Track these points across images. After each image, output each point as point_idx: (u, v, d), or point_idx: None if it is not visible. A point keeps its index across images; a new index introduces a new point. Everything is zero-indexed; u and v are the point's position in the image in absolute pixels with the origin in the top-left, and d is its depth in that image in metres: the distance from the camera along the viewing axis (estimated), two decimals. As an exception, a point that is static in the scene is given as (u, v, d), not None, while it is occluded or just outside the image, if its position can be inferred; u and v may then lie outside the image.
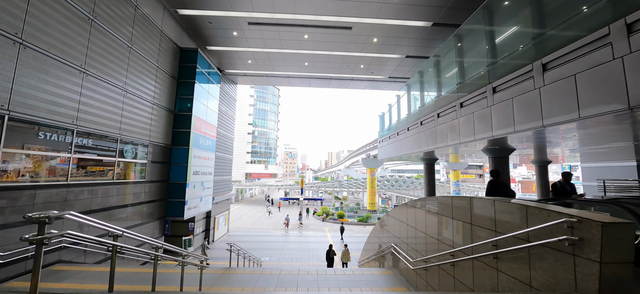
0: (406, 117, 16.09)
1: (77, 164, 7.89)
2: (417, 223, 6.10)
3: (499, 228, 3.48)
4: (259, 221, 27.55)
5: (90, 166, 8.35)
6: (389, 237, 8.12)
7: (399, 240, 7.25)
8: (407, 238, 6.58)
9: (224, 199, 20.41)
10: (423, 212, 5.76)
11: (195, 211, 14.11)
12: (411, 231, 6.38)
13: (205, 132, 15.25)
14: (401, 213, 7.14)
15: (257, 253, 16.01)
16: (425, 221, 5.65)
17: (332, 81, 20.86)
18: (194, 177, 13.71)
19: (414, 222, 6.23)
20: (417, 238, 5.99)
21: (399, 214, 7.28)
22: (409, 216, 6.61)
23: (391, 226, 7.95)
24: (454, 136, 10.53)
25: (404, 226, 6.93)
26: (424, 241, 5.71)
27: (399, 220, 7.31)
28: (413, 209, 6.32)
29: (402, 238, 6.96)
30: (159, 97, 12.10)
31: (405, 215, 6.89)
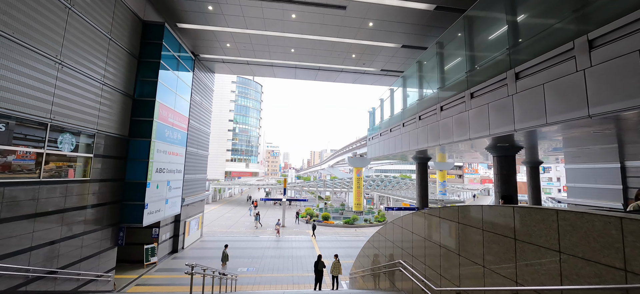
0: (401, 112, 14.84)
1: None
2: (443, 238, 4.61)
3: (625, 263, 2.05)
4: (238, 223, 25.39)
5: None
6: (395, 250, 6.62)
7: (412, 257, 5.77)
8: (426, 256, 5.10)
9: (197, 200, 18.17)
10: (455, 226, 4.28)
11: (159, 215, 11.94)
12: (432, 248, 4.90)
13: (174, 123, 13.07)
14: (416, 224, 5.65)
15: (233, 262, 14.08)
16: (460, 237, 4.17)
17: (320, 72, 19.25)
18: (157, 175, 11.55)
19: (438, 237, 4.75)
20: (446, 259, 4.50)
21: (412, 224, 5.79)
22: (429, 228, 5.13)
23: (398, 238, 6.46)
24: (462, 131, 9.30)
25: (420, 239, 5.45)
26: (455, 263, 4.24)
27: (411, 232, 5.82)
28: (436, 219, 4.84)
29: (417, 256, 5.48)
30: (112, 77, 9.88)
31: (422, 226, 5.40)
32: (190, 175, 16.94)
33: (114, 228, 10.43)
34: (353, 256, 15.80)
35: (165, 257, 14.67)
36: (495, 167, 11.07)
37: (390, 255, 6.96)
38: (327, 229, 23.52)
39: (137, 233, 13.57)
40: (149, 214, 11.05)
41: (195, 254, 15.38)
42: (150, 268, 13.13)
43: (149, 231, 13.81)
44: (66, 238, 8.14)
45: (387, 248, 7.15)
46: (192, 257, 14.95)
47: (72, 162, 8.32)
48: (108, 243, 10.18)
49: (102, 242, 9.79)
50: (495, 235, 3.41)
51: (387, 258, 7.12)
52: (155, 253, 13.50)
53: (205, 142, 19.59)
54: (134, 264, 13.33)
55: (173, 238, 15.60)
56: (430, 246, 5.02)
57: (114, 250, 10.53)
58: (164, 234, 14.39)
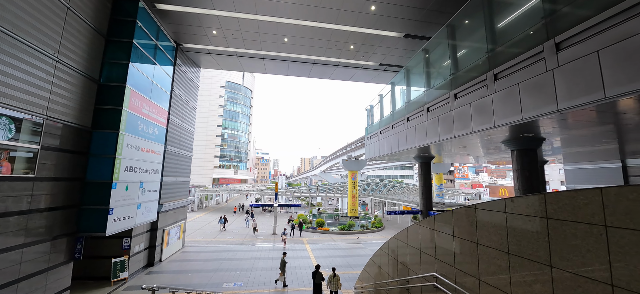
0: (404, 106, 13.65)
1: None
2: (516, 242, 3.23)
3: None
4: (224, 232, 23.36)
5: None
6: (424, 261, 5.19)
7: (454, 269, 4.36)
8: (483, 270, 3.68)
9: (178, 206, 16.25)
10: (542, 223, 2.91)
11: (129, 223, 10.10)
12: (498, 259, 3.49)
13: (149, 115, 11.35)
14: (461, 225, 4.26)
15: (218, 276, 12.28)
16: (556, 240, 2.80)
17: (315, 66, 17.96)
18: (126, 175, 9.76)
19: (504, 242, 3.36)
20: (520, 271, 3.10)
21: (452, 226, 4.40)
22: (487, 229, 3.74)
23: (428, 243, 5.05)
24: (484, 118, 8.10)
25: (469, 245, 4.04)
26: (543, 278, 2.85)
27: (452, 236, 4.41)
28: (500, 215, 3.46)
29: (464, 269, 4.06)
30: (70, 54, 8.18)
31: (471, 228, 4.01)
32: (171, 177, 15.08)
33: (69, 238, 8.55)
34: (353, 266, 14.27)
35: (139, 272, 12.69)
36: (514, 163, 9.96)
37: (415, 266, 5.52)
38: (322, 237, 21.89)
39: (103, 244, 11.60)
40: (115, 221, 9.22)
41: (175, 268, 13.45)
42: (119, 285, 11.16)
43: (119, 241, 11.85)
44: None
45: (411, 257, 5.70)
46: (170, 271, 13.02)
47: (10, 154, 6.53)
48: (61, 256, 8.28)
49: (51, 256, 7.90)
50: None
51: (411, 269, 5.68)
52: (126, 268, 11.54)
53: (188, 142, 17.78)
54: (99, 281, 11.32)
55: (149, 250, 13.62)
56: (489, 255, 3.62)
57: (68, 266, 8.61)
58: (137, 245, 12.44)
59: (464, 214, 4.14)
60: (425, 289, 5.04)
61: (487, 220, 3.67)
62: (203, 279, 11.81)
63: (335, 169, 73.21)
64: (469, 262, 3.99)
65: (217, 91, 74.65)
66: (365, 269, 8.55)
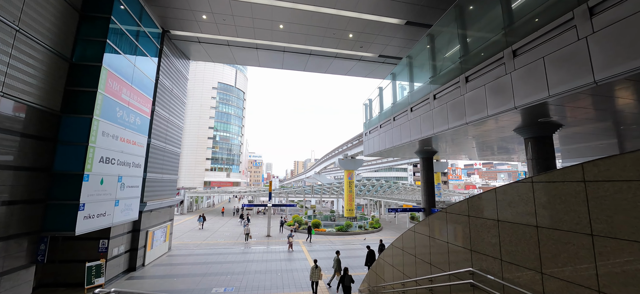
0: (407, 97, 12.93)
1: None
2: (618, 225, 2.38)
3: None
4: (215, 234, 22.10)
5: None
6: (457, 254, 4.32)
7: (500, 262, 3.52)
8: (556, 261, 2.85)
9: (164, 206, 15.03)
10: None
11: (104, 221, 8.94)
12: (574, 243, 2.65)
13: (130, 101, 10.25)
14: (517, 201, 3.43)
15: (207, 281, 11.16)
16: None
17: (311, 58, 17.12)
18: (101, 166, 8.63)
19: (588, 223, 2.51)
20: (625, 261, 2.24)
21: (496, 208, 3.57)
22: (560, 208, 2.91)
23: (463, 232, 4.17)
24: (501, 100, 7.39)
25: (525, 230, 3.20)
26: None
27: (496, 220, 3.58)
28: (573, 187, 2.62)
29: (520, 262, 3.23)
30: (34, 25, 7.10)
31: (527, 207, 3.19)
32: (156, 174, 13.90)
33: (30, 237, 7.36)
34: (354, 268, 13.34)
35: (118, 277, 11.44)
36: (530, 152, 9.30)
37: (441, 263, 4.65)
38: (319, 238, 20.89)
39: (76, 247, 10.36)
40: (87, 218, 8.07)
41: (159, 273, 12.24)
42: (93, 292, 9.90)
43: (95, 243, 10.62)
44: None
45: (436, 252, 4.83)
46: (154, 276, 11.81)
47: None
48: (19, 259, 7.09)
49: (6, 260, 6.70)
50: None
51: (435, 266, 4.81)
52: (102, 273, 10.30)
53: (176, 138, 16.61)
54: (72, 288, 10.05)
55: (130, 253, 12.37)
56: (558, 239, 2.78)
57: (29, 270, 7.41)
58: (116, 247, 11.21)
59: (516, 191, 3.30)
60: (458, 289, 4.16)
61: (553, 194, 2.83)
62: (189, 285, 10.67)
63: (329, 171, 72.32)
64: (523, 252, 3.14)
65: (208, 92, 73.09)
66: (373, 270, 7.64)
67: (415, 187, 37.30)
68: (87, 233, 9.88)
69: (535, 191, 3.05)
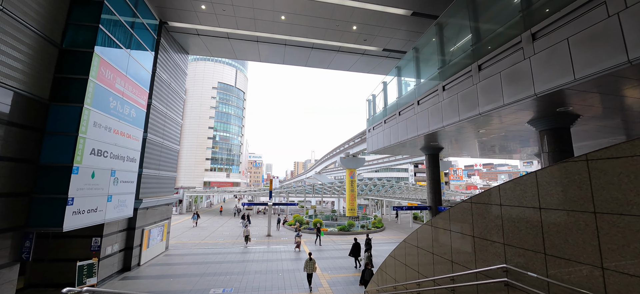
0: (413, 90, 12.46)
1: None
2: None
3: None
4: (214, 234, 21.57)
5: None
6: (486, 250, 3.81)
7: (544, 256, 3.03)
8: (624, 253, 2.32)
9: (162, 203, 14.52)
10: None
11: (95, 217, 8.43)
12: None
13: (124, 92, 9.76)
14: (567, 185, 2.92)
15: (205, 281, 10.64)
16: None
17: (313, 52, 16.65)
18: (92, 159, 8.13)
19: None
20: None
21: (537, 192, 3.08)
22: (628, 189, 2.39)
23: (494, 223, 3.68)
24: (518, 87, 6.94)
25: (583, 219, 2.70)
26: None
27: (537, 208, 3.08)
28: None
29: (572, 256, 2.73)
30: (21, 5, 6.63)
31: (617, 192, 2.68)
32: (152, 170, 13.40)
33: (14, 233, 6.86)
34: (358, 268, 12.82)
35: (112, 277, 10.92)
36: (545, 145, 8.83)
37: (465, 260, 4.15)
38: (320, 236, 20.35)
39: (67, 245, 9.85)
40: (76, 214, 7.56)
41: (155, 273, 11.72)
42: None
43: (87, 242, 10.10)
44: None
45: (458, 248, 4.32)
46: (149, 276, 11.28)
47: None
48: (2, 257, 6.58)
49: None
50: None
51: (457, 263, 4.30)
52: (94, 272, 9.78)
53: (174, 133, 16.12)
54: (62, 288, 9.51)
55: (125, 252, 11.85)
56: (628, 227, 2.28)
57: (12, 269, 6.90)
58: (109, 245, 10.70)
59: (564, 173, 2.80)
60: (487, 289, 3.66)
61: (618, 172, 2.33)
62: (186, 285, 10.15)
63: (330, 171, 71.78)
64: (575, 244, 2.64)
65: (208, 91, 72.69)
66: (382, 269, 7.13)
67: (417, 187, 36.81)
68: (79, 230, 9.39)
69: (591, 171, 2.56)
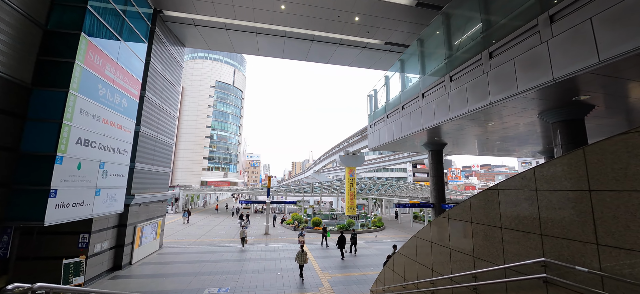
0: (419, 81, 12.03)
1: None
2: None
3: None
4: (211, 232, 21.01)
5: None
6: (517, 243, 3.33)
7: (595, 250, 2.54)
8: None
9: (155, 200, 13.96)
10: None
11: (81, 212, 7.89)
12: None
13: (115, 80, 9.22)
14: (626, 160, 2.41)
15: (199, 281, 10.12)
16: None
17: (314, 45, 16.19)
18: (78, 149, 7.60)
19: None
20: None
21: (605, 170, 2.55)
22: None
23: (529, 210, 3.20)
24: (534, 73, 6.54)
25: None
26: None
27: (591, 192, 2.57)
28: None
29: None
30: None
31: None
32: (145, 165, 12.85)
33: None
34: (360, 266, 12.37)
35: (102, 276, 10.36)
36: (559, 137, 8.44)
37: (491, 255, 3.69)
38: (318, 236, 19.87)
39: (52, 241, 9.27)
40: (60, 207, 7.02)
41: (147, 272, 11.16)
42: (71, 293, 8.82)
43: (74, 238, 9.54)
44: None
45: (483, 241, 3.86)
46: (141, 276, 10.73)
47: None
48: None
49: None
50: None
51: (480, 259, 3.84)
52: (82, 271, 9.23)
53: (169, 127, 15.57)
54: (47, 288, 8.95)
55: (115, 250, 11.29)
56: None
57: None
58: (98, 243, 10.14)
59: (623, 147, 2.34)
60: (519, 287, 3.20)
61: None
62: (179, 285, 9.62)
63: (328, 171, 71.29)
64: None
65: (206, 90, 71.97)
66: (389, 268, 6.65)
67: (417, 186, 36.50)
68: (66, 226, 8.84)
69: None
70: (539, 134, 12.09)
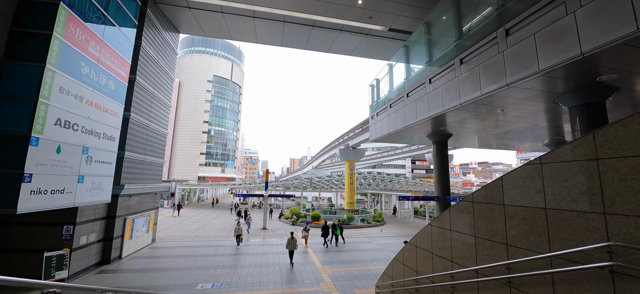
0: (425, 68, 11.42)
1: None
2: None
3: None
4: (207, 226, 20.39)
5: None
6: (562, 230, 2.69)
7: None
8: None
9: (147, 191, 13.31)
10: None
11: (61, 200, 7.25)
12: None
13: (101, 59, 8.52)
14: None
15: (192, 275, 9.52)
16: None
17: (314, 31, 15.51)
18: (57, 130, 6.93)
19: None
20: None
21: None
22: None
23: (582, 192, 2.55)
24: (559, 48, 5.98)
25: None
26: None
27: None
28: None
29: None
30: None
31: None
32: (137, 154, 12.18)
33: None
34: (362, 261, 11.83)
35: (88, 271, 9.73)
36: (579, 123, 7.92)
37: (533, 241, 3.10)
38: (317, 231, 19.32)
39: (34, 233, 8.63)
40: (36, 194, 6.37)
41: (138, 266, 10.54)
42: (53, 288, 8.20)
43: (57, 230, 8.89)
44: None
45: (521, 226, 3.27)
46: (131, 270, 10.11)
47: None
48: (-63, 243, 5.38)
49: None
50: None
51: (520, 247, 3.26)
52: (65, 265, 8.60)
53: (162, 116, 14.87)
54: (27, 283, 8.31)
55: (103, 243, 10.65)
56: None
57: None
58: (84, 235, 9.49)
59: None
60: (571, 278, 2.62)
61: None
62: (171, 280, 9.01)
63: (326, 167, 70.74)
64: None
65: (203, 85, 70.89)
66: (398, 261, 6.08)
67: (416, 181, 36.11)
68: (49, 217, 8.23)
69: None
70: (546, 125, 11.57)
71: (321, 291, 8.38)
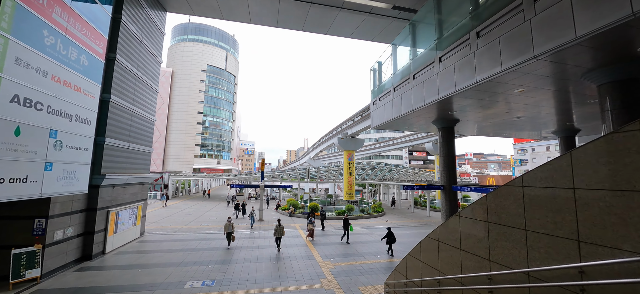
0: (434, 46, 10.49)
1: None
2: None
3: None
4: (200, 218, 19.54)
5: None
6: None
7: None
8: None
9: (133, 181, 12.34)
10: None
11: (24, 190, 6.29)
12: None
13: (69, 30, 7.43)
14: None
15: (181, 272, 8.70)
16: None
17: (312, 8, 14.39)
18: (15, 108, 5.92)
19: None
20: None
21: None
22: None
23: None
24: (606, 9, 5.11)
25: None
26: None
27: None
28: None
29: None
30: None
31: None
32: (120, 141, 11.17)
33: None
34: (365, 254, 11.12)
35: (66, 268, 8.84)
36: (608, 101, 7.15)
37: (609, 235, 2.24)
38: (317, 222, 18.62)
39: (3, 227, 7.69)
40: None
41: (123, 262, 9.68)
42: (22, 288, 7.32)
43: (28, 224, 7.95)
44: None
45: (597, 214, 2.39)
46: (115, 267, 9.25)
47: None
48: None
49: None
50: None
51: (596, 243, 2.40)
52: (37, 262, 7.70)
53: (148, 101, 13.77)
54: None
55: (83, 237, 9.74)
56: None
57: None
58: (59, 229, 8.56)
59: None
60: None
61: None
62: (157, 277, 8.19)
63: (324, 158, 69.96)
64: None
65: (197, 74, 68.92)
66: (413, 257, 5.28)
67: (415, 172, 35.61)
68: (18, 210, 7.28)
69: None
70: (559, 109, 10.80)
71: (323, 288, 7.63)
